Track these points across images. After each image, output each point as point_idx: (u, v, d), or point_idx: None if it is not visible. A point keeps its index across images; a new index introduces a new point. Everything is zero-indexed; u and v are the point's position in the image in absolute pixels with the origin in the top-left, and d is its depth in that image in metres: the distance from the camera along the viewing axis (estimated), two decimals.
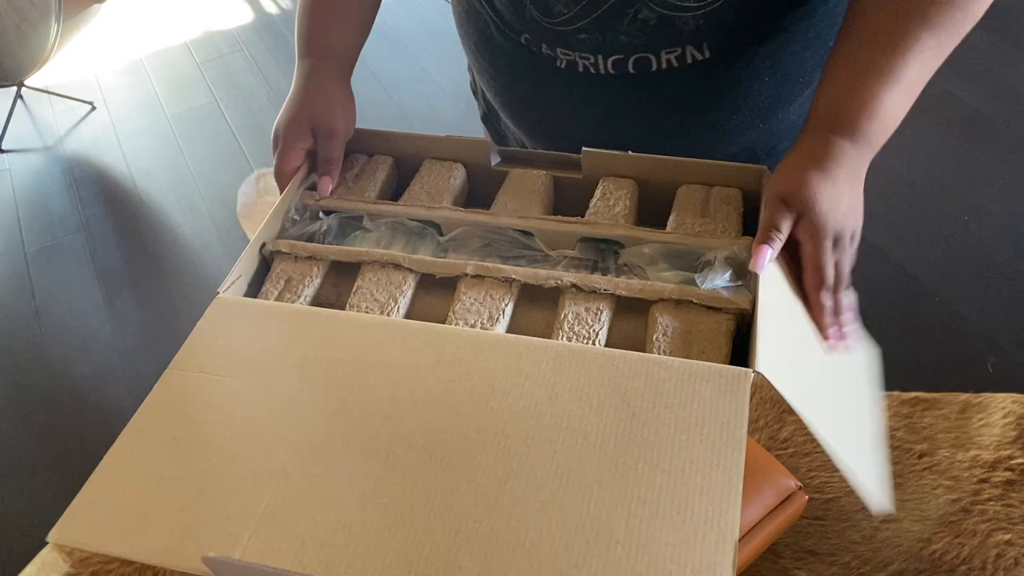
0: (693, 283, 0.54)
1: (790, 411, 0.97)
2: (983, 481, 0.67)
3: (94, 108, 2.34)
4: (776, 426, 0.76)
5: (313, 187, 0.66)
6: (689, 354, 0.50)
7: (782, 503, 0.56)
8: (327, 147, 0.66)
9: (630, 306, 0.55)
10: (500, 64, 0.74)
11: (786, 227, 0.55)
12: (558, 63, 0.68)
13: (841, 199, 0.55)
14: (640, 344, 0.52)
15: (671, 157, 0.63)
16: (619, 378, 0.46)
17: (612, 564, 0.39)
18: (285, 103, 0.67)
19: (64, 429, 1.56)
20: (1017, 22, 2.15)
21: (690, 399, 0.45)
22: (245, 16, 2.70)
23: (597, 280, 0.55)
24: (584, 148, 0.64)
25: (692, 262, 0.56)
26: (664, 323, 0.52)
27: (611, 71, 0.66)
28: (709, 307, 0.53)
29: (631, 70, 0.66)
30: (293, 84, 0.68)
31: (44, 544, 1.02)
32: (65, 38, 2.09)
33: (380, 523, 0.41)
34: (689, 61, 0.65)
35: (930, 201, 1.69)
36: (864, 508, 0.67)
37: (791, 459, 0.71)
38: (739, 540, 0.65)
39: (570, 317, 0.53)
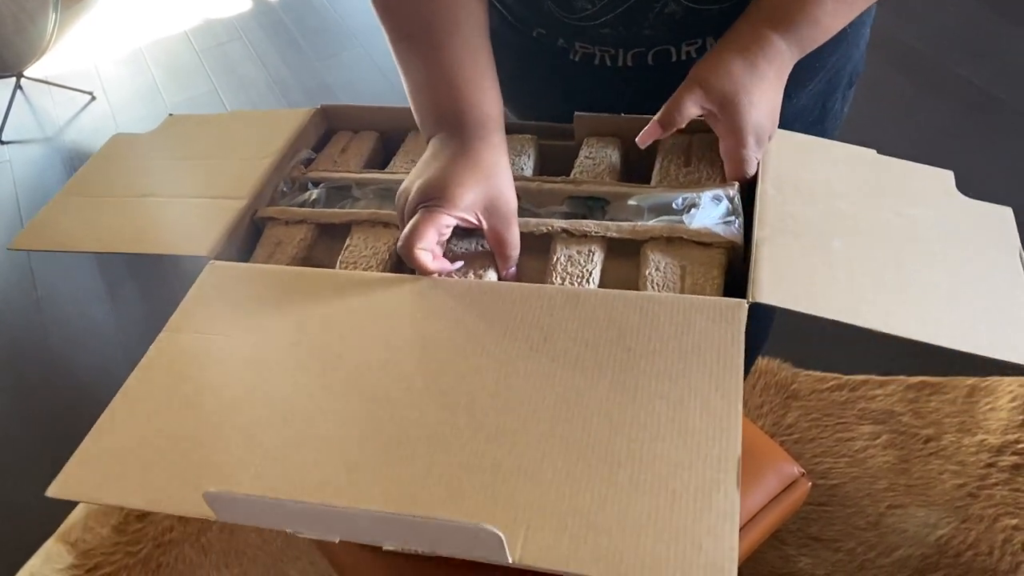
0: (680, 224, 0.54)
1: (794, 397, 0.96)
2: (990, 466, 0.67)
3: (94, 98, 2.33)
4: (781, 412, 0.76)
5: (305, 161, 0.65)
6: (683, 289, 0.50)
7: (785, 490, 0.56)
8: (510, 231, 0.55)
9: (621, 248, 0.55)
10: (506, 57, 0.73)
11: (690, 113, 0.55)
12: (572, 56, 0.67)
13: (765, 96, 0.55)
14: (633, 284, 0.53)
15: None
16: (614, 315, 0.47)
17: (615, 484, 0.39)
18: (438, 166, 0.54)
19: (66, 420, 1.57)
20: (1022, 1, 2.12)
21: (685, 331, 0.45)
22: (244, 4, 2.68)
23: (587, 224, 0.55)
24: (576, 113, 0.63)
25: (677, 208, 0.56)
26: (656, 260, 0.53)
27: (629, 63, 0.66)
28: (699, 242, 0.53)
29: (650, 62, 0.65)
30: (443, 151, 0.55)
31: (48, 536, 1.02)
32: (64, 28, 2.08)
33: (382, 460, 0.42)
34: (708, 51, 0.64)
35: None
36: (870, 494, 0.66)
37: (795, 445, 0.71)
38: (742, 528, 0.65)
39: (563, 259, 0.54)
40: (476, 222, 0.54)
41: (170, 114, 0.72)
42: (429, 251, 0.52)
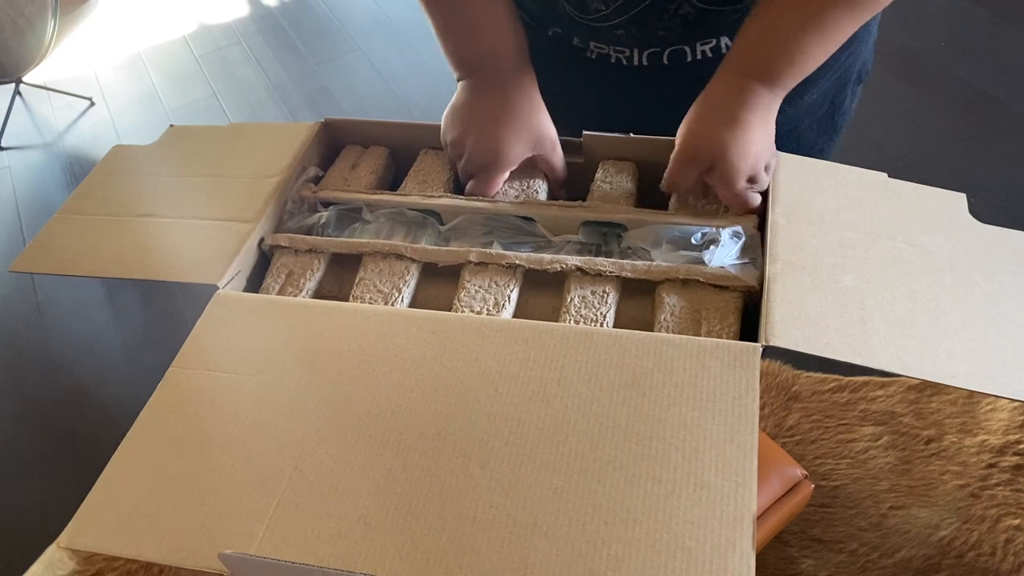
0: (699, 262, 0.54)
1: (796, 398, 0.96)
2: (991, 466, 0.67)
3: (93, 104, 2.33)
4: (782, 414, 0.76)
5: (312, 179, 0.65)
6: (698, 333, 0.50)
7: (788, 492, 0.55)
8: (555, 157, 0.64)
9: (636, 287, 0.54)
10: None
11: (691, 178, 0.57)
12: (588, 54, 0.67)
13: (753, 144, 0.55)
14: (648, 326, 0.52)
15: (670, 137, 0.62)
16: (628, 358, 0.46)
17: (631, 543, 0.39)
18: (479, 125, 0.62)
19: (67, 426, 1.57)
20: (1021, 3, 2.12)
21: (700, 376, 0.45)
22: (242, 8, 2.68)
23: (602, 263, 0.54)
24: (584, 132, 0.64)
25: (696, 242, 0.56)
26: (671, 303, 0.52)
27: (644, 63, 0.66)
28: (716, 286, 0.52)
29: (665, 61, 0.65)
30: (479, 102, 0.62)
31: (50, 542, 1.02)
32: (62, 34, 2.08)
33: (395, 513, 0.41)
34: (723, 51, 0.64)
35: (935, 183, 1.67)
36: (871, 495, 0.66)
37: (797, 447, 0.71)
38: None
39: (576, 300, 0.53)
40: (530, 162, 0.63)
41: (171, 125, 0.71)
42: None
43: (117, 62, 2.52)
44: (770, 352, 1.00)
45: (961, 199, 0.57)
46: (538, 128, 0.62)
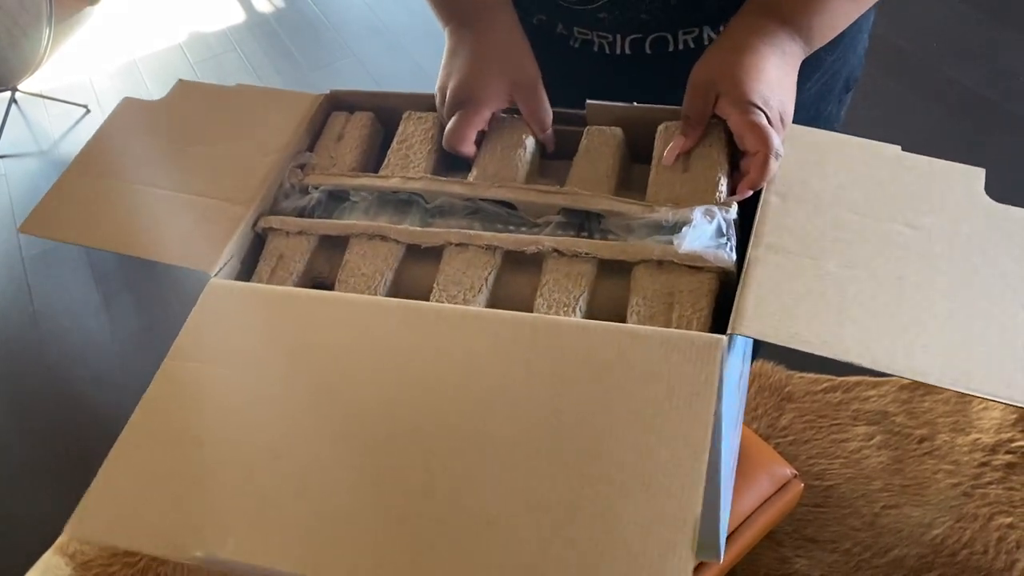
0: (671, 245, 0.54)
1: (789, 399, 0.96)
2: (984, 465, 0.67)
3: (89, 111, 2.33)
4: (775, 414, 0.76)
5: (302, 165, 0.65)
6: (670, 317, 0.50)
7: (778, 491, 0.56)
8: (538, 101, 0.61)
9: (612, 268, 0.54)
10: None
11: (703, 115, 0.54)
12: (572, 42, 0.67)
13: (766, 71, 0.52)
14: (622, 307, 0.52)
15: (676, 107, 0.60)
16: (593, 351, 0.46)
17: (576, 543, 0.40)
18: (459, 64, 0.62)
19: (63, 433, 1.57)
20: (1015, 4, 2.13)
21: (661, 369, 0.45)
22: (237, 16, 2.69)
23: (579, 244, 0.55)
24: (588, 101, 0.62)
25: (667, 224, 0.55)
26: (644, 286, 0.52)
27: (627, 51, 0.66)
28: (690, 267, 0.52)
29: (648, 50, 0.65)
30: (460, 45, 0.62)
31: (45, 548, 1.02)
32: (58, 42, 2.08)
33: (363, 510, 0.43)
34: (706, 43, 0.64)
35: None
36: (864, 495, 0.66)
37: (790, 447, 0.71)
38: (735, 529, 0.65)
39: (551, 283, 0.54)
40: (508, 105, 0.61)
41: (180, 80, 0.73)
42: (473, 144, 0.61)
43: (113, 69, 2.52)
44: (764, 353, 1.01)
45: (979, 175, 0.54)
46: (517, 64, 0.61)
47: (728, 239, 0.52)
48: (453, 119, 0.60)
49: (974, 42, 2.04)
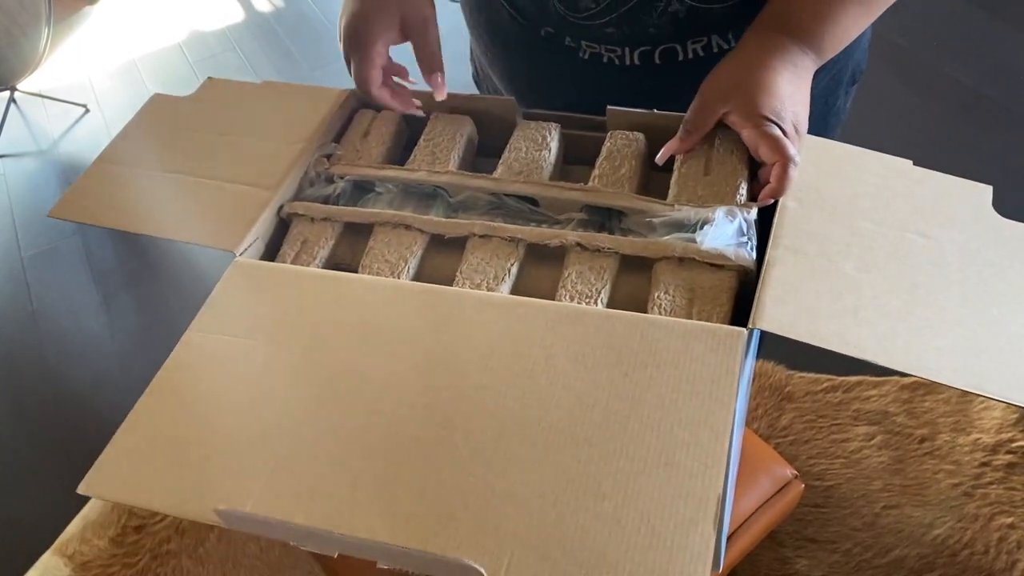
0: (694, 243, 0.54)
1: (789, 399, 0.96)
2: (984, 465, 0.67)
3: (88, 110, 2.33)
4: (776, 414, 0.76)
5: (328, 155, 0.65)
6: (690, 312, 0.51)
7: (778, 492, 0.56)
8: (426, 40, 0.62)
9: (634, 264, 0.55)
10: (516, 56, 0.73)
11: (703, 128, 0.54)
12: (581, 54, 0.67)
13: (778, 85, 0.52)
14: (643, 302, 0.53)
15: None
16: (615, 338, 0.47)
17: (597, 516, 0.40)
18: (350, 5, 0.62)
19: (62, 433, 1.56)
20: (1015, 2, 2.13)
21: (682, 358, 0.46)
22: (236, 15, 2.69)
23: (601, 239, 0.55)
24: (609, 107, 0.63)
25: (689, 223, 0.56)
26: (666, 281, 0.53)
27: (636, 63, 0.66)
28: (712, 264, 0.53)
29: (657, 61, 0.65)
30: None
31: (44, 549, 1.02)
32: (57, 41, 2.08)
33: (382, 477, 0.43)
34: (715, 50, 0.64)
35: None
36: (865, 495, 0.66)
37: (791, 447, 0.71)
38: (736, 529, 0.65)
39: (573, 276, 0.54)
40: (400, 41, 0.62)
41: (209, 77, 0.74)
42: (384, 87, 0.63)
43: (112, 69, 2.52)
44: (764, 353, 1.00)
45: (987, 192, 0.56)
46: (404, 6, 0.61)
47: (749, 239, 0.53)
48: (352, 65, 0.62)
49: (977, 40, 2.04)
